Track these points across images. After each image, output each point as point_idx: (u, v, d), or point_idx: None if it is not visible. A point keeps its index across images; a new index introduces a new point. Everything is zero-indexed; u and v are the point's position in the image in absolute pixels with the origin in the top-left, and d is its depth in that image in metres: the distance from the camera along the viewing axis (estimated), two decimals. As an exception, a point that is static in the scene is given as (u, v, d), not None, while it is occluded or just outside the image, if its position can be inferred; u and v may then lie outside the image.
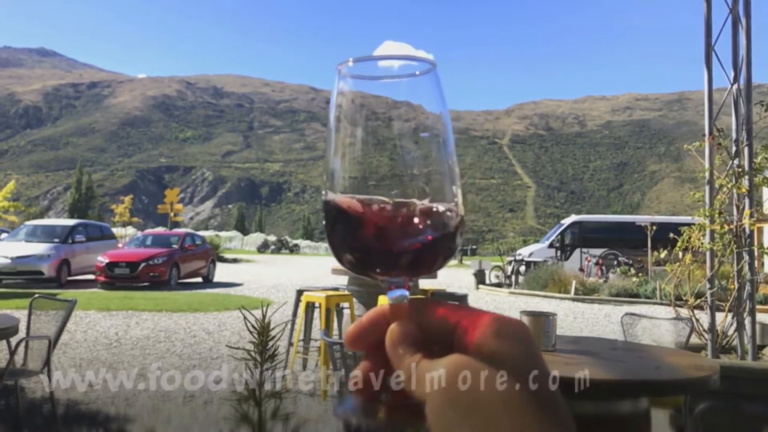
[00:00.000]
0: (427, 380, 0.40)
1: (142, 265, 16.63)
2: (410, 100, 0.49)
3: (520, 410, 0.37)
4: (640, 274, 17.15)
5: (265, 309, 2.60)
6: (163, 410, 5.16)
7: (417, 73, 0.48)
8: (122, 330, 9.14)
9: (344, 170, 0.48)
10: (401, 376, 0.43)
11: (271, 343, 2.35)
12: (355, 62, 0.49)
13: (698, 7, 4.94)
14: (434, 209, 0.47)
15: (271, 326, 2.42)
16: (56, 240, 17.54)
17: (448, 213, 0.47)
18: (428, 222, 0.46)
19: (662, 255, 5.79)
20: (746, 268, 4.55)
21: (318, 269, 27.12)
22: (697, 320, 4.61)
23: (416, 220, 0.46)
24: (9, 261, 16.35)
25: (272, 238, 64.49)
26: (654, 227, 17.59)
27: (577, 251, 26.63)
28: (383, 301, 0.49)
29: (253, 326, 2.36)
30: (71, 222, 19.44)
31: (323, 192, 0.49)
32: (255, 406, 2.25)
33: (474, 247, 69.26)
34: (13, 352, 4.11)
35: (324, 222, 0.49)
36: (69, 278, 17.42)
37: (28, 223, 20.43)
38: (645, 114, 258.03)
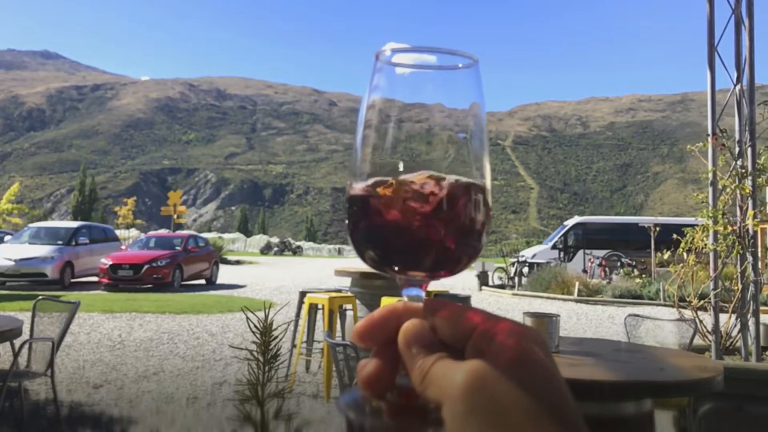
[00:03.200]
0: (445, 385, 0.39)
1: (146, 267, 16.65)
2: (444, 95, 0.48)
3: (543, 420, 0.37)
4: (643, 276, 17.10)
5: (267, 310, 2.60)
6: (167, 412, 5.16)
7: (460, 65, 0.47)
8: (125, 332, 9.15)
9: (369, 166, 0.47)
10: (412, 376, 0.42)
11: (273, 344, 2.35)
12: (393, 52, 0.48)
13: (701, 8, 4.94)
14: (460, 206, 0.46)
15: (274, 327, 2.43)
16: (60, 242, 17.58)
17: (475, 211, 0.47)
18: (453, 219, 0.46)
19: (666, 256, 5.77)
20: (750, 269, 4.54)
21: (321, 271, 27.13)
22: (701, 321, 4.60)
23: (442, 217, 0.45)
24: (13, 263, 16.39)
25: (275, 239, 64.63)
26: (657, 228, 17.65)
27: (581, 252, 26.59)
28: (386, 302, 0.49)
29: (255, 327, 2.36)
30: (75, 224, 19.47)
31: (347, 185, 0.48)
32: (258, 407, 2.25)
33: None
34: (16, 354, 4.12)
35: (347, 217, 0.48)
36: (72, 280, 17.46)
37: (31, 225, 20.50)
38: (648, 115, 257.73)
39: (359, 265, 7.42)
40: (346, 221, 0.48)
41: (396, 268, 0.47)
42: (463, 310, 0.45)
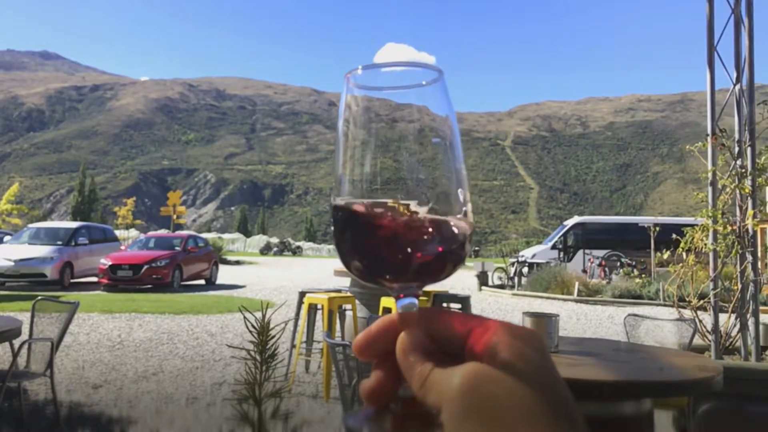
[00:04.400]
0: (443, 389, 0.39)
1: (145, 267, 16.64)
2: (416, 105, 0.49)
3: (540, 418, 0.37)
4: (643, 276, 17.05)
5: (264, 309, 2.60)
6: (166, 412, 5.16)
7: (423, 82, 0.48)
8: (125, 332, 9.15)
9: (351, 175, 0.48)
10: (412, 384, 0.42)
11: (270, 343, 2.35)
12: (363, 70, 0.49)
13: (701, 8, 4.94)
14: (444, 215, 0.47)
15: (271, 326, 2.42)
16: (59, 242, 17.57)
17: (458, 219, 0.47)
18: (437, 228, 0.46)
19: (665, 256, 5.78)
20: (749, 268, 4.54)
21: (321, 271, 27.13)
22: (701, 321, 4.60)
23: (425, 226, 0.46)
24: (12, 263, 16.38)
25: (275, 240, 64.61)
26: (657, 228, 17.66)
27: (580, 252, 26.61)
28: (386, 302, 0.49)
29: (252, 326, 2.36)
30: (74, 224, 19.46)
31: (331, 198, 0.49)
32: (255, 406, 2.25)
33: (476, 248, 69.19)
34: (16, 354, 4.11)
35: (332, 228, 0.49)
36: (72, 280, 17.45)
37: (31, 225, 20.49)
38: (648, 115, 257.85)
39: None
40: (333, 230, 0.49)
41: (384, 279, 0.48)
42: (458, 315, 0.45)
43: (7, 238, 21.11)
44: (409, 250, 0.46)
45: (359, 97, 0.48)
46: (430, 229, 0.46)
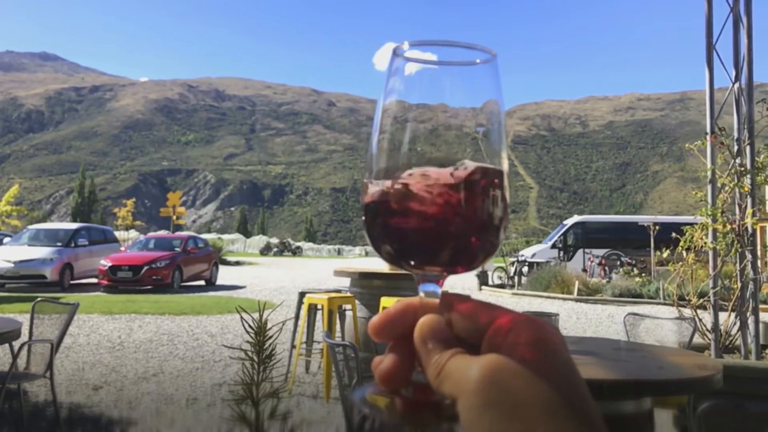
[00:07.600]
0: (460, 379, 0.39)
1: (145, 268, 16.64)
2: (462, 91, 0.48)
3: (559, 414, 0.36)
4: (643, 275, 16.97)
5: (261, 309, 2.60)
6: (166, 413, 5.16)
7: (478, 60, 0.47)
8: (125, 333, 9.14)
9: (386, 159, 0.47)
10: (428, 371, 0.42)
11: (268, 343, 2.35)
12: (411, 47, 0.48)
13: (700, 7, 4.94)
14: (476, 204, 0.45)
15: (269, 325, 2.42)
16: (59, 244, 17.56)
17: (491, 208, 0.46)
18: (470, 216, 0.45)
19: (665, 255, 5.77)
20: (749, 267, 4.54)
21: (321, 271, 27.14)
22: (701, 320, 4.60)
23: (458, 214, 0.45)
24: (12, 265, 16.37)
25: (275, 240, 64.60)
26: (657, 227, 17.64)
27: (580, 252, 26.60)
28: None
29: (249, 326, 2.36)
30: (74, 226, 19.45)
31: (364, 181, 0.48)
32: (253, 407, 2.25)
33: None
34: (15, 356, 4.11)
35: (363, 211, 0.48)
36: (72, 282, 17.44)
37: (31, 227, 20.47)
38: (647, 114, 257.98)
39: (358, 266, 7.46)
40: (363, 217, 0.48)
41: (412, 263, 0.47)
42: (479, 305, 0.45)
43: (6, 239, 21.10)
44: (440, 235, 0.45)
45: (400, 85, 0.48)
46: (463, 218, 0.45)
